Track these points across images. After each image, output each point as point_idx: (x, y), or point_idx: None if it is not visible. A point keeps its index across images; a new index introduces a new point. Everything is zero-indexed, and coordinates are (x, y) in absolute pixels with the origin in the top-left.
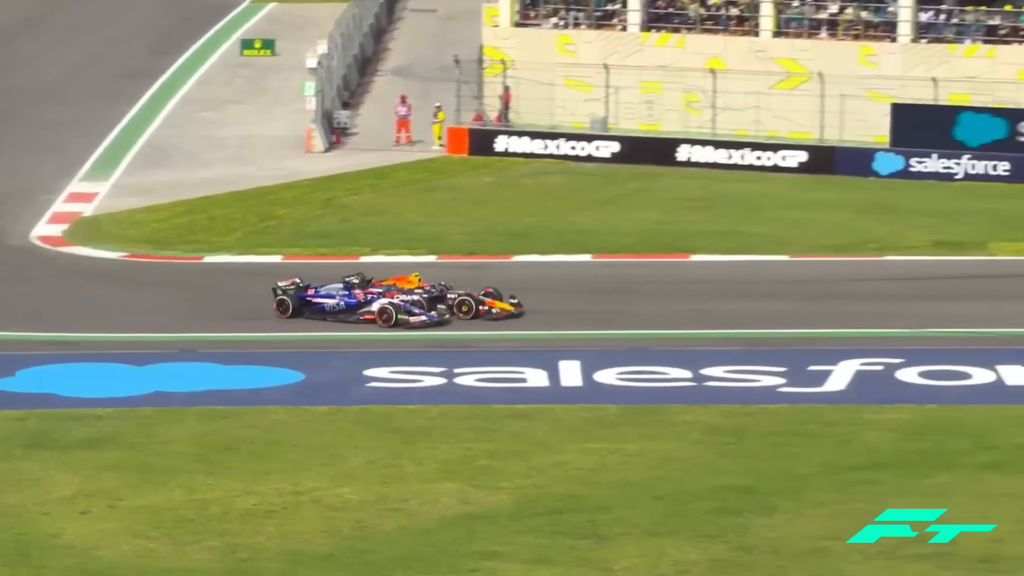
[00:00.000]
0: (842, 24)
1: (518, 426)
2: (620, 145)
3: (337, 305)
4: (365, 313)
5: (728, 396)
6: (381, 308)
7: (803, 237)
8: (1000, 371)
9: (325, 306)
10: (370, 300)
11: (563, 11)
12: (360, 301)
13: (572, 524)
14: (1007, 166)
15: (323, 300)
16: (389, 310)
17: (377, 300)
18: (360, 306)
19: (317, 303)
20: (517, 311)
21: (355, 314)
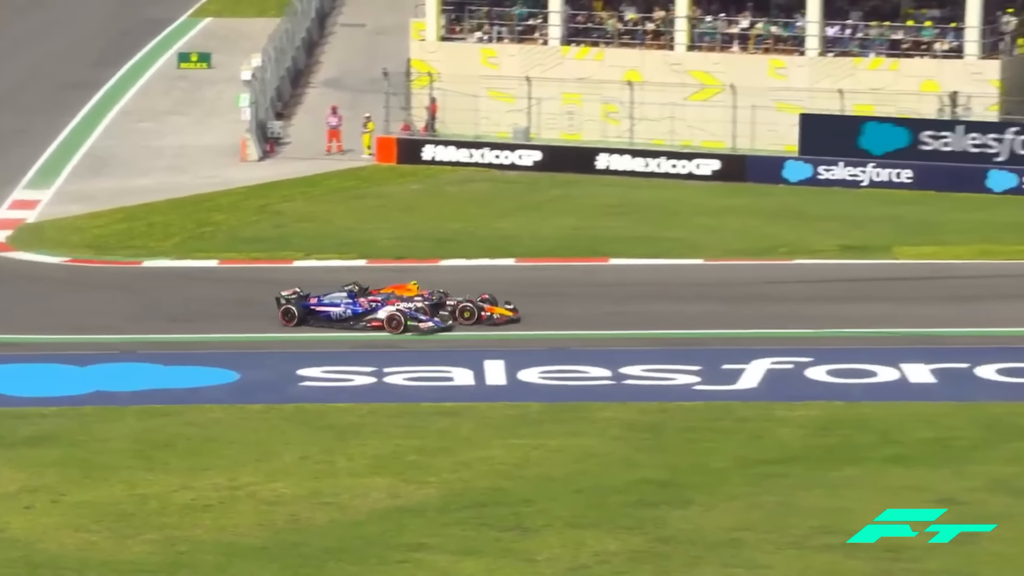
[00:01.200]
0: (753, 38)
1: (445, 423)
2: (542, 154)
3: (343, 313)
4: (372, 320)
5: (646, 394)
6: (390, 316)
7: (716, 242)
8: (904, 369)
9: (331, 314)
10: (375, 308)
11: (487, 26)
12: (365, 309)
13: (497, 516)
14: (910, 174)
15: (328, 308)
16: (399, 317)
17: (383, 308)
18: (366, 314)
19: (322, 311)
20: (515, 316)
21: (361, 321)
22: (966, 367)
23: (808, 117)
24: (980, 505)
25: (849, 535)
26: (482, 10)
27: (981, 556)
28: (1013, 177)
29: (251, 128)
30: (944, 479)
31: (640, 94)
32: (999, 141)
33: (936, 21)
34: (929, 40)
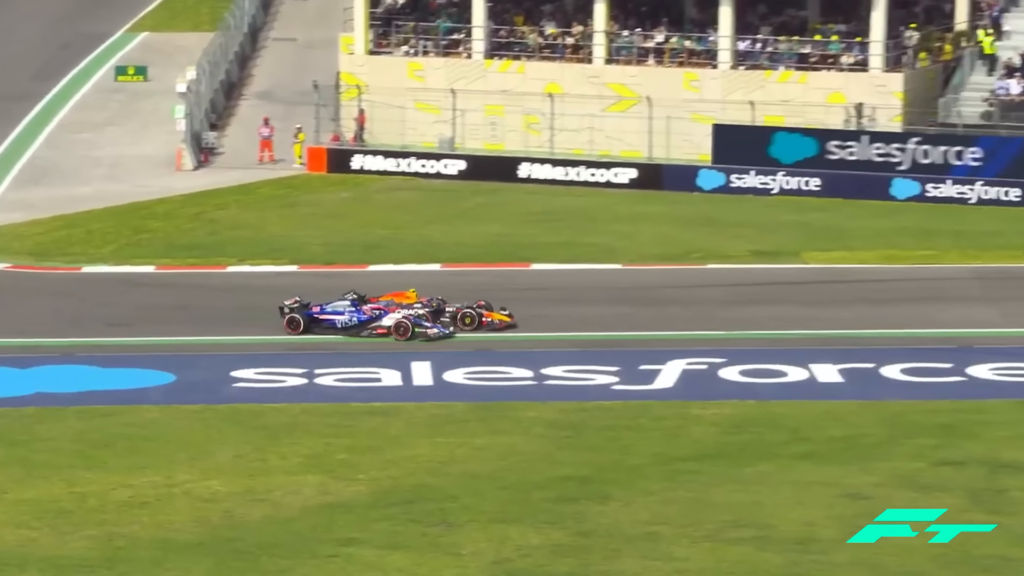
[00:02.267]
0: (668, 52)
1: (374, 422)
2: (466, 163)
3: (349, 321)
4: (377, 328)
5: (566, 394)
6: (398, 323)
7: (633, 247)
8: (813, 369)
9: (336, 322)
10: (380, 315)
11: (413, 40)
12: (370, 316)
13: (424, 512)
14: (818, 182)
15: (333, 317)
16: (406, 324)
17: (387, 315)
18: (370, 321)
19: (327, 319)
20: (512, 321)
21: (366, 329)
22: (872, 367)
23: (721, 127)
24: (885, 500)
25: (761, 529)
26: (408, 25)
27: (884, 548)
28: (915, 185)
29: (186, 139)
30: (851, 474)
31: (560, 106)
32: (902, 150)
33: (842, 36)
34: (836, 54)
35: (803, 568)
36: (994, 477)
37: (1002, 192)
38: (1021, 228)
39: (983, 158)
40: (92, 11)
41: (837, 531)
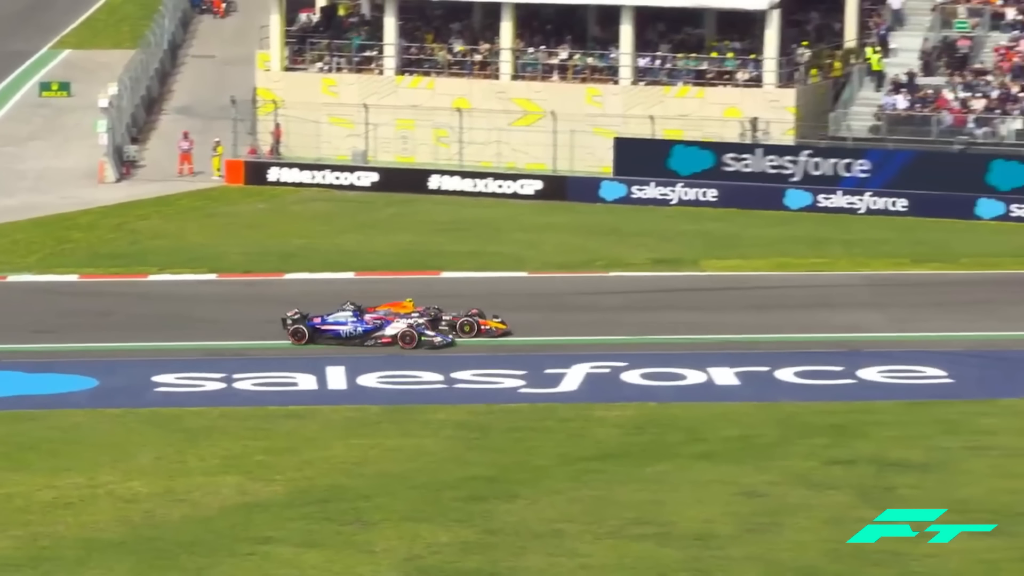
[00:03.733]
0: (571, 68)
1: (290, 425)
2: (378, 175)
3: (353, 331)
4: (382, 337)
5: (475, 396)
6: (404, 332)
7: (539, 256)
8: (710, 372)
9: (340, 332)
10: (383, 325)
11: (327, 57)
12: (374, 326)
13: (338, 511)
14: (715, 193)
15: (337, 327)
16: (412, 333)
17: (390, 325)
18: (374, 331)
19: (330, 330)
20: (507, 328)
21: (370, 338)
22: (766, 370)
23: (622, 141)
24: (780, 498)
25: (662, 526)
26: (322, 42)
27: (779, 543)
28: (807, 196)
29: (108, 152)
30: (747, 473)
31: (469, 120)
32: (794, 163)
33: (738, 53)
34: (731, 70)
35: (702, 563)
36: (883, 475)
37: (889, 202)
38: (908, 237)
39: (871, 170)
40: (17, 30)
41: (734, 527)
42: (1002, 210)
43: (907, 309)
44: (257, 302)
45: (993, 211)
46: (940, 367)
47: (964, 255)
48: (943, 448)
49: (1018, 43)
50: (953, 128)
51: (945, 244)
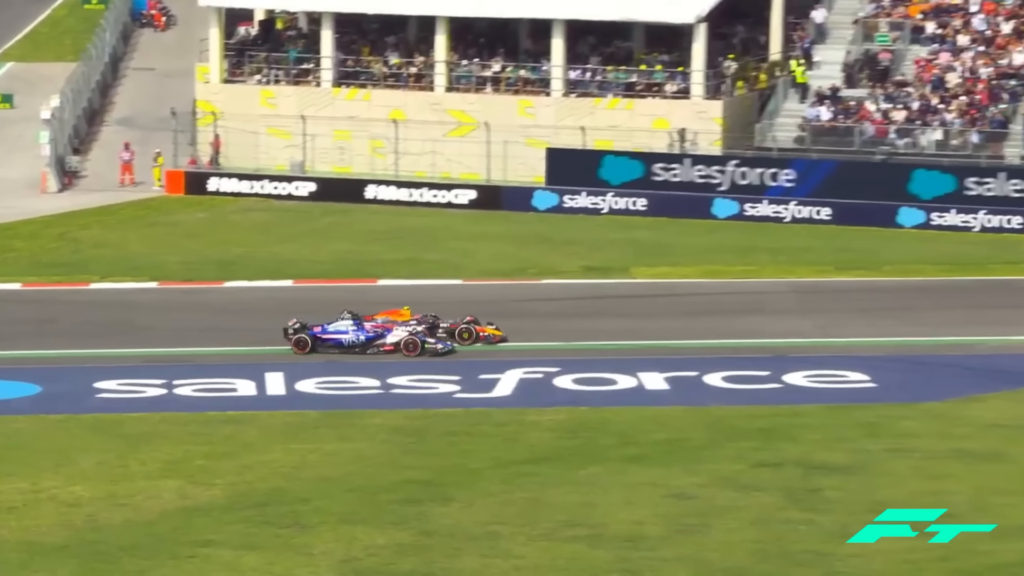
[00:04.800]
0: (504, 81)
1: (230, 430)
2: (316, 185)
3: (356, 339)
4: (384, 345)
5: (411, 402)
6: (408, 340)
7: (474, 264)
8: (640, 377)
9: (342, 341)
10: (384, 333)
11: (265, 69)
12: (375, 334)
13: (277, 514)
14: (644, 202)
15: (339, 336)
16: (416, 341)
17: (391, 333)
18: (376, 339)
19: (332, 339)
20: (503, 335)
21: (372, 346)
22: (695, 375)
23: (554, 151)
24: (709, 500)
25: (594, 527)
26: (260, 55)
27: (708, 544)
28: (734, 205)
29: (50, 163)
30: (676, 476)
31: (404, 131)
32: (722, 172)
33: (666, 65)
34: (660, 82)
35: (633, 564)
36: (809, 477)
37: (814, 211)
38: (832, 244)
39: (796, 179)
40: None
41: (664, 529)
42: (923, 218)
43: (831, 315)
44: (197, 310)
45: (914, 219)
46: (863, 372)
47: (887, 262)
48: (866, 451)
49: (937, 56)
50: (875, 139)
51: (868, 252)
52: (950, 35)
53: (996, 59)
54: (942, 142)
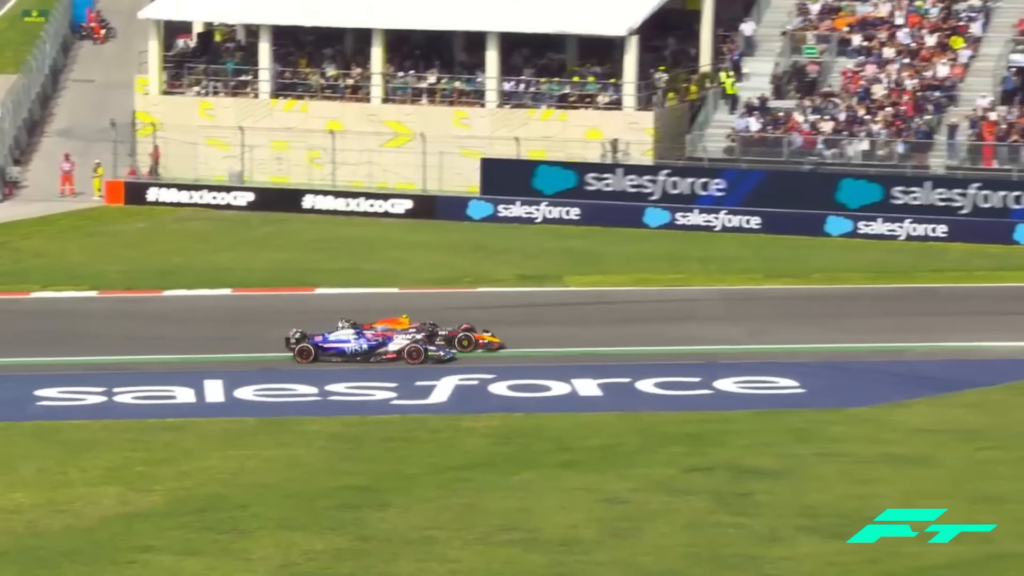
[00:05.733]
0: (439, 92)
1: (169, 437)
2: (254, 195)
3: (359, 348)
4: (387, 353)
5: (348, 408)
6: (411, 348)
7: (410, 272)
8: (574, 384)
9: (345, 350)
10: (386, 341)
11: (204, 81)
12: (377, 343)
13: (216, 520)
14: (578, 211)
15: (341, 344)
16: (419, 349)
17: (392, 341)
18: (378, 347)
19: (334, 347)
20: (501, 342)
21: (374, 355)
22: (628, 381)
23: (489, 161)
24: (641, 504)
25: (529, 532)
26: (199, 67)
27: (641, 548)
28: (666, 214)
29: None
30: (610, 481)
31: (341, 141)
32: (653, 182)
33: (598, 77)
34: (592, 94)
35: (567, 568)
36: (739, 481)
37: (744, 220)
38: (761, 253)
39: (726, 189)
40: None
41: (598, 533)
42: (850, 227)
43: (761, 322)
44: (136, 318)
45: (842, 228)
46: (792, 378)
47: (815, 270)
48: (795, 455)
49: (864, 68)
50: (803, 149)
51: (797, 260)
52: (876, 48)
53: (921, 71)
54: (869, 152)
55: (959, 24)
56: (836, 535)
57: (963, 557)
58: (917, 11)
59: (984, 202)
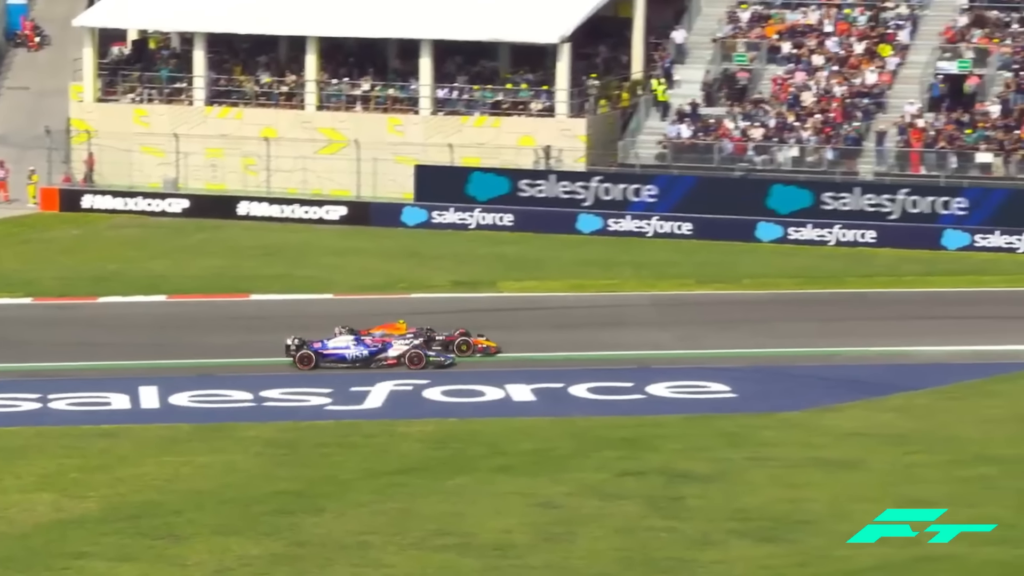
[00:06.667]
0: (373, 99)
1: (104, 443)
2: (189, 202)
3: (360, 354)
4: (387, 359)
5: (283, 414)
6: (413, 354)
7: (344, 279)
8: (508, 389)
9: (345, 356)
10: (386, 347)
11: (139, 88)
12: (377, 349)
13: (151, 526)
14: (511, 217)
15: (342, 351)
16: (420, 354)
17: (392, 347)
18: (378, 353)
19: (334, 354)
20: (497, 346)
21: (374, 361)
22: (561, 386)
23: (423, 168)
24: (575, 508)
25: (463, 536)
26: (134, 74)
27: (574, 552)
28: (599, 220)
29: None
30: (544, 485)
31: (276, 148)
32: (586, 188)
33: (531, 84)
34: (525, 100)
35: (501, 572)
36: (671, 486)
37: (675, 226)
38: (693, 259)
39: (658, 195)
40: None
41: (531, 537)
42: (780, 233)
43: (693, 327)
44: (71, 325)
45: (772, 234)
46: (724, 382)
47: (746, 276)
48: (727, 459)
49: (793, 75)
50: (734, 156)
51: (728, 265)
52: (805, 55)
53: (849, 78)
54: (798, 158)
55: (887, 32)
56: (767, 538)
57: (891, 560)
58: (846, 19)
59: (913, 207)
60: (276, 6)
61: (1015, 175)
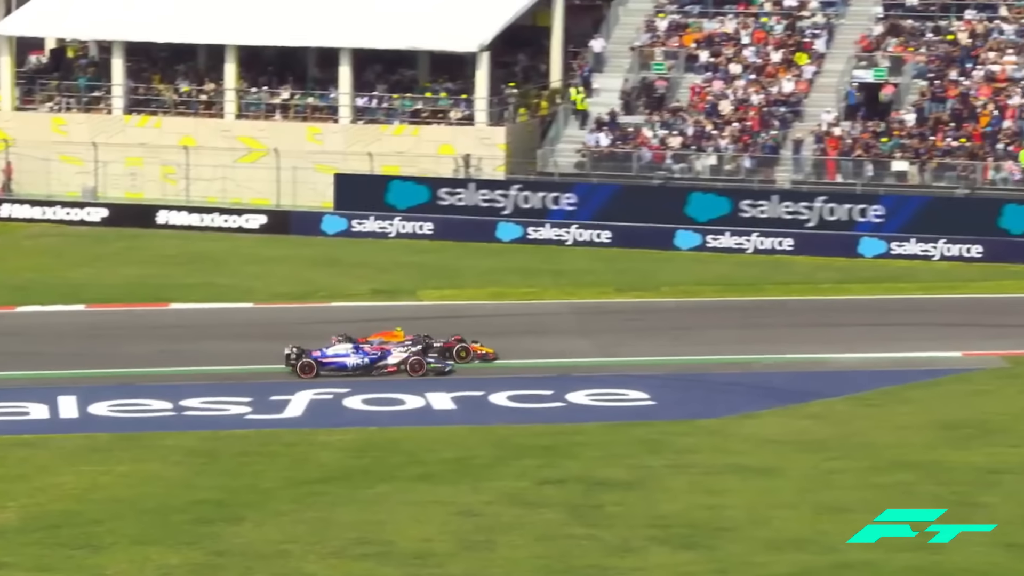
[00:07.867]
0: (293, 108)
1: (22, 453)
2: (108, 211)
3: (360, 362)
4: (387, 367)
5: (203, 423)
6: (414, 361)
7: (264, 287)
8: (428, 397)
9: (346, 364)
10: (385, 355)
11: (57, 97)
12: (377, 356)
13: (70, 536)
14: (431, 226)
15: (342, 359)
16: (421, 361)
17: (391, 354)
18: (379, 360)
19: (334, 362)
20: (494, 352)
21: (375, 369)
22: (481, 395)
23: (342, 177)
24: (495, 517)
25: (383, 545)
26: (52, 83)
27: (494, 560)
28: (518, 228)
29: None
30: (464, 493)
31: (195, 157)
32: (505, 197)
33: (450, 93)
34: (445, 109)
35: None
36: (591, 493)
37: (595, 234)
38: (612, 267)
39: (578, 203)
40: None
41: (452, 546)
42: (699, 241)
43: (612, 335)
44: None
45: (691, 242)
46: (643, 390)
47: (664, 283)
48: (646, 467)
49: (711, 84)
50: (652, 164)
51: (647, 273)
52: (723, 64)
53: (766, 87)
54: (716, 167)
55: (803, 40)
56: (686, 545)
57: (809, 566)
58: (762, 28)
59: (830, 215)
60: (195, 15)
61: (930, 183)
